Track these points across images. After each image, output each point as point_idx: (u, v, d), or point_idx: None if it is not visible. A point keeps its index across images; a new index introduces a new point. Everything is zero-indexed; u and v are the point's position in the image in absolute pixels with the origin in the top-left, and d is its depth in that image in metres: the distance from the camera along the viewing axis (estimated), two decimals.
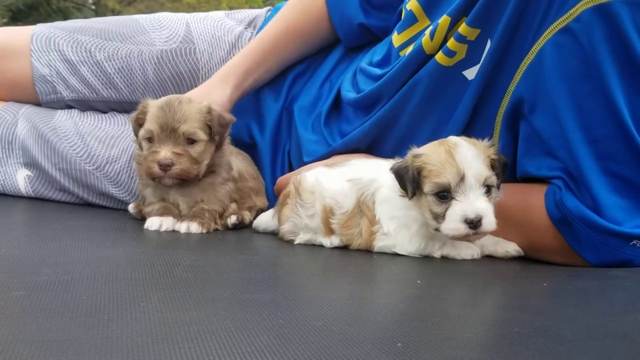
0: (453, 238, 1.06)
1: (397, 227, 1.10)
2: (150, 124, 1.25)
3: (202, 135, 1.26)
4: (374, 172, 1.14)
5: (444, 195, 1.03)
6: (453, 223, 1.02)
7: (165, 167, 1.23)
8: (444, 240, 1.10)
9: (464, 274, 1.03)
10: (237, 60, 1.54)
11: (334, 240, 1.16)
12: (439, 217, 1.04)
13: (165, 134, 1.24)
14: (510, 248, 1.12)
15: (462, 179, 1.01)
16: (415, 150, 1.07)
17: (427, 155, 1.04)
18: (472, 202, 1.01)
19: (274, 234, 1.29)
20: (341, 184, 1.16)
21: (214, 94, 1.48)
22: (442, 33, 1.19)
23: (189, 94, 1.49)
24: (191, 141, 1.26)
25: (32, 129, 1.59)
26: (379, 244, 1.12)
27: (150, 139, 1.26)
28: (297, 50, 1.59)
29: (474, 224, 1.01)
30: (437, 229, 1.05)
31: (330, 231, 1.16)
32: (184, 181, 1.26)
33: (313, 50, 1.62)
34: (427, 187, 1.03)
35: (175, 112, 1.24)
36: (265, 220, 1.33)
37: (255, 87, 1.59)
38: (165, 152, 1.23)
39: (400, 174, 1.05)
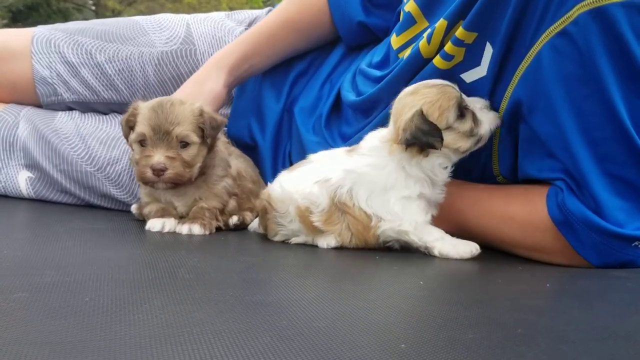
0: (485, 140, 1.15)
1: (403, 204, 1.11)
2: (142, 127, 1.23)
3: (195, 138, 1.24)
4: (339, 171, 1.14)
5: (464, 110, 1.12)
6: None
7: (158, 171, 1.21)
8: (442, 235, 1.12)
9: (466, 275, 1.03)
10: (231, 47, 1.53)
11: (330, 242, 1.16)
12: (474, 130, 1.12)
13: (158, 136, 1.22)
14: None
15: None
16: (411, 109, 1.10)
17: (426, 102, 1.10)
18: None
19: None
20: (309, 187, 1.16)
21: (209, 82, 1.47)
22: (439, 37, 1.19)
23: (183, 86, 1.49)
24: (184, 144, 1.24)
25: (34, 131, 1.59)
26: (382, 227, 1.12)
27: (142, 142, 1.24)
28: (294, 43, 1.58)
29: None
30: (474, 144, 1.13)
31: (313, 229, 1.16)
32: (177, 185, 1.26)
33: (311, 45, 1.61)
34: (451, 116, 1.10)
35: (167, 114, 1.22)
36: (257, 225, 1.33)
37: (250, 75, 1.58)
38: (158, 157, 1.21)
39: (422, 134, 1.07)
